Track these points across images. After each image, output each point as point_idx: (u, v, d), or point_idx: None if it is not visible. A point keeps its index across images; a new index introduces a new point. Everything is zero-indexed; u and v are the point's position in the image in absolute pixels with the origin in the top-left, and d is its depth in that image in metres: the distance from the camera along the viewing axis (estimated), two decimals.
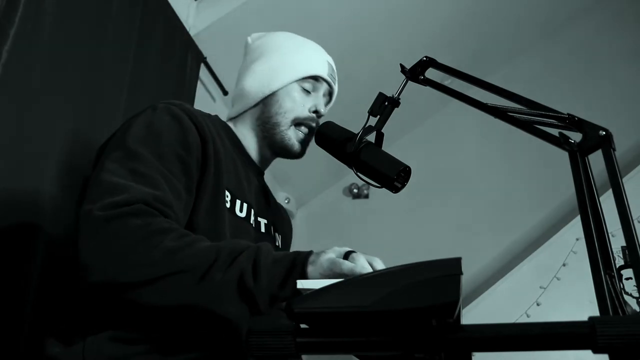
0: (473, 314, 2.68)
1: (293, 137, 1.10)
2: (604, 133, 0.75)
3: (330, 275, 0.74)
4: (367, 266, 0.77)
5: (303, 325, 0.53)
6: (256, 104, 1.13)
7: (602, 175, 0.75)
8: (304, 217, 3.60)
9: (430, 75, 1.05)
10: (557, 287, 2.66)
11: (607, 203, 0.72)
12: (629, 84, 3.24)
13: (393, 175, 1.00)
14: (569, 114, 0.82)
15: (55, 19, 1.36)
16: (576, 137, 0.79)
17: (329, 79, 1.14)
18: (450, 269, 0.50)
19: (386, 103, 1.06)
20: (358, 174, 1.05)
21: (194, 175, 0.91)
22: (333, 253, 0.79)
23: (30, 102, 1.25)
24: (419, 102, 2.62)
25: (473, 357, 0.56)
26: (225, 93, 2.51)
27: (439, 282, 0.49)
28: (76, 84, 1.43)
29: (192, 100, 2.16)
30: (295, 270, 0.76)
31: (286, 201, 3.38)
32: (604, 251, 0.69)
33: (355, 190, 3.59)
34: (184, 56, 2.12)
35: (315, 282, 0.72)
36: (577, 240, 2.69)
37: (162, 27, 1.96)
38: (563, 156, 0.79)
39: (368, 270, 0.76)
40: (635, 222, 0.68)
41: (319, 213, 3.63)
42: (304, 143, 1.12)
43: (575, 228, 2.72)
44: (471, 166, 3.38)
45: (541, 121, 0.85)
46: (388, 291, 0.50)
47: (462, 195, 3.32)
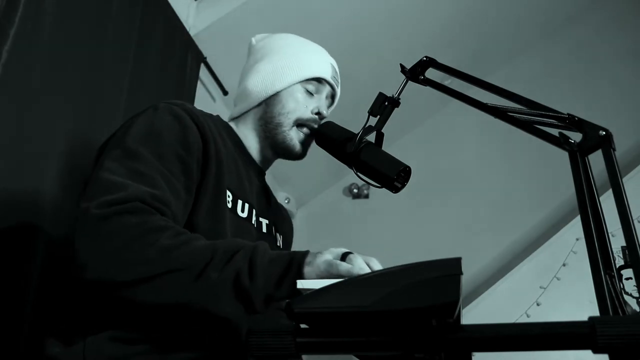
0: (473, 314, 2.68)
1: (295, 137, 1.10)
2: (604, 133, 0.76)
3: (327, 277, 0.74)
4: (365, 267, 0.77)
5: (303, 325, 0.53)
6: (259, 104, 1.13)
7: (602, 175, 0.75)
8: (304, 217, 3.60)
9: (430, 75, 1.05)
10: (557, 287, 2.66)
11: (607, 203, 0.72)
12: (629, 84, 3.24)
13: (393, 175, 1.00)
14: (569, 114, 0.82)
15: (55, 19, 1.36)
16: (576, 137, 0.79)
17: (332, 82, 1.14)
18: (450, 269, 0.50)
19: (386, 103, 1.06)
20: (358, 174, 1.05)
21: (194, 176, 0.91)
22: (330, 255, 0.78)
23: (30, 102, 1.25)
24: (419, 102, 2.62)
25: (473, 357, 0.56)
26: (225, 93, 2.51)
27: (439, 282, 0.49)
28: (76, 84, 1.43)
29: (192, 100, 2.16)
30: (291, 270, 0.75)
31: (286, 201, 3.37)
32: (604, 251, 0.69)
33: (355, 190, 3.59)
34: (184, 56, 2.12)
35: (315, 282, 0.72)
36: (577, 240, 2.69)
37: (162, 27, 1.96)
38: (563, 156, 0.79)
39: (366, 271, 0.76)
40: (635, 222, 0.68)
41: (319, 213, 3.63)
42: (305, 144, 1.12)
43: (575, 228, 2.72)
44: (471, 166, 3.38)
45: (541, 121, 0.85)
46: (388, 291, 0.50)
47: (462, 195, 3.32)
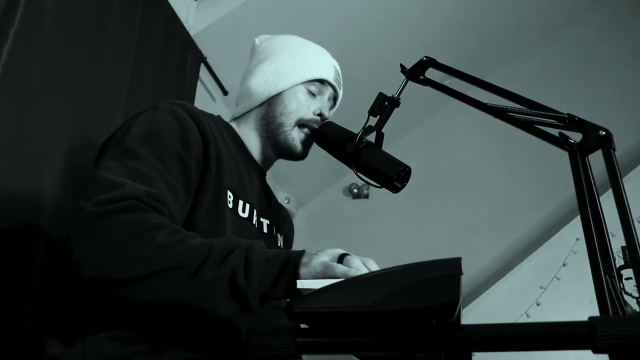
0: (473, 314, 2.68)
1: (297, 137, 1.10)
2: (604, 133, 0.76)
3: (323, 279, 0.73)
4: (362, 269, 0.76)
5: (303, 325, 0.53)
6: (261, 104, 1.13)
7: (602, 175, 0.75)
8: (304, 217, 3.60)
9: (430, 75, 1.05)
10: (557, 287, 2.66)
11: (607, 203, 0.72)
12: (629, 84, 3.24)
13: (393, 175, 1.00)
14: (569, 114, 0.82)
15: (55, 19, 1.36)
16: (576, 137, 0.79)
17: (334, 84, 1.15)
18: (450, 269, 0.50)
19: (386, 103, 1.06)
20: (358, 174, 1.05)
21: (194, 176, 0.91)
22: (326, 256, 0.77)
23: (30, 102, 1.25)
24: (419, 102, 2.62)
25: (473, 357, 0.56)
26: (225, 93, 2.51)
27: (439, 282, 0.49)
28: (76, 84, 1.43)
29: (192, 100, 2.16)
30: (287, 270, 0.75)
31: (286, 201, 3.37)
32: (604, 251, 0.69)
33: (355, 190, 3.59)
34: (184, 56, 2.12)
35: (315, 282, 0.72)
36: (577, 240, 2.69)
37: (162, 27, 1.96)
38: (563, 156, 0.79)
39: (363, 272, 0.75)
40: (635, 222, 0.68)
41: (319, 213, 3.63)
42: (306, 145, 1.12)
43: (575, 228, 2.72)
44: (471, 166, 3.38)
45: (541, 121, 0.85)
46: (388, 291, 0.50)
47: (462, 195, 3.32)
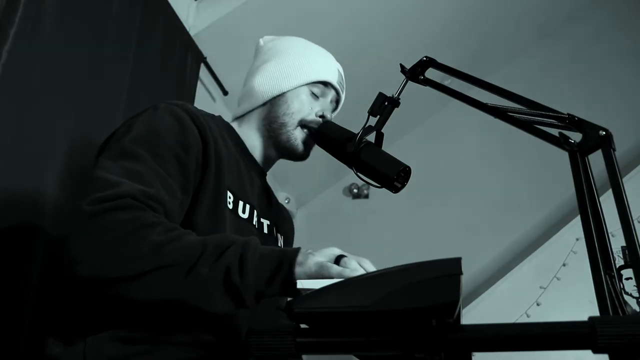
0: (473, 314, 2.68)
1: (299, 137, 1.10)
2: (604, 133, 0.76)
3: (318, 279, 0.73)
4: (359, 269, 0.76)
5: (303, 325, 0.53)
6: (264, 104, 1.13)
7: (602, 175, 0.75)
8: (304, 217, 3.60)
9: (430, 75, 1.05)
10: (557, 287, 2.66)
11: (607, 203, 0.72)
12: (629, 84, 3.24)
13: (393, 175, 1.00)
14: (569, 114, 0.82)
15: (55, 19, 1.36)
16: (576, 137, 0.79)
17: (337, 87, 1.16)
18: (450, 269, 0.50)
19: (386, 103, 1.06)
20: (358, 174, 1.05)
21: (192, 177, 0.91)
22: (322, 257, 0.77)
23: (30, 102, 1.25)
24: (419, 102, 2.62)
25: (473, 357, 0.56)
26: (225, 93, 2.51)
27: (439, 282, 0.49)
28: (76, 84, 1.43)
29: (192, 100, 2.16)
30: (282, 268, 0.75)
31: (286, 201, 3.37)
32: (604, 251, 0.69)
33: (355, 190, 3.59)
34: (184, 56, 2.12)
35: (315, 282, 0.72)
36: (577, 240, 2.69)
37: (162, 27, 1.96)
38: (563, 156, 0.79)
39: (359, 273, 0.75)
40: (635, 222, 0.68)
41: (319, 213, 3.63)
42: (308, 145, 1.12)
43: (575, 228, 2.72)
44: (471, 166, 3.38)
45: (541, 121, 0.85)
46: (388, 291, 0.50)
47: (462, 195, 3.32)
